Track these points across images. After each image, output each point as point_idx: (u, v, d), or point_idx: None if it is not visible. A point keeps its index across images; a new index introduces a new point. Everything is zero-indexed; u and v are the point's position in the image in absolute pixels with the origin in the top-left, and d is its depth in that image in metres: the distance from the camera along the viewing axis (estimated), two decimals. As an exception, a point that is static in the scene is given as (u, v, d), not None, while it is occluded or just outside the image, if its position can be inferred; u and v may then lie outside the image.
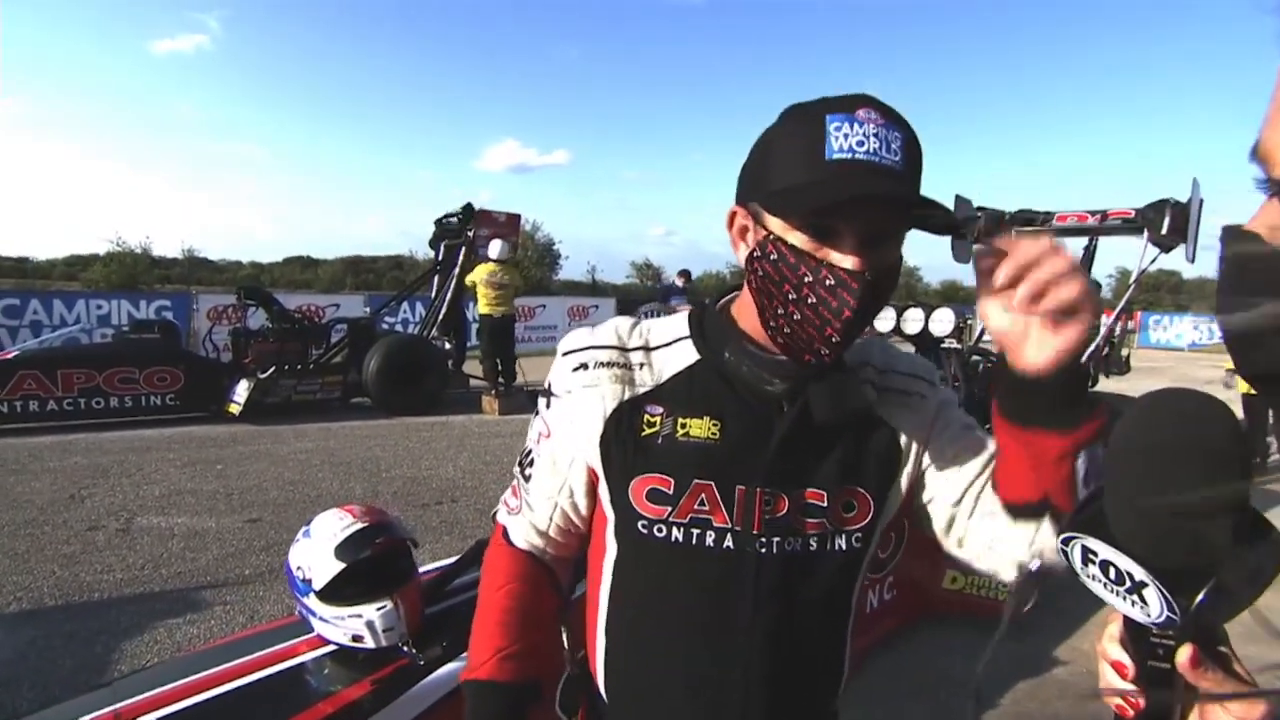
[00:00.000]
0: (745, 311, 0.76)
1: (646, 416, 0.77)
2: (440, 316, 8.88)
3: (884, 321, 4.10)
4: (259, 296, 8.30)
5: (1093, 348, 4.42)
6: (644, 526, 0.77)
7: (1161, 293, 35.82)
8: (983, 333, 4.98)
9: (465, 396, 8.41)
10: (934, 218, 0.65)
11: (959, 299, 38.93)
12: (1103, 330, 4.72)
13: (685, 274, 9.56)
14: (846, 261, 0.65)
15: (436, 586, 1.72)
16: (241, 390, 7.06)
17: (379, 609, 1.46)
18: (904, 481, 0.80)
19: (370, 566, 1.47)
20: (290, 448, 5.98)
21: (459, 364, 8.98)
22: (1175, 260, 4.17)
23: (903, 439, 0.79)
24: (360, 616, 1.46)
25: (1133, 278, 4.44)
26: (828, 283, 0.65)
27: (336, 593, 1.46)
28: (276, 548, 3.69)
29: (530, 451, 0.87)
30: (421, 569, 1.93)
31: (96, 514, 4.17)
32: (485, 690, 0.85)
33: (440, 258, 9.18)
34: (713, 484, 0.75)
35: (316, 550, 1.48)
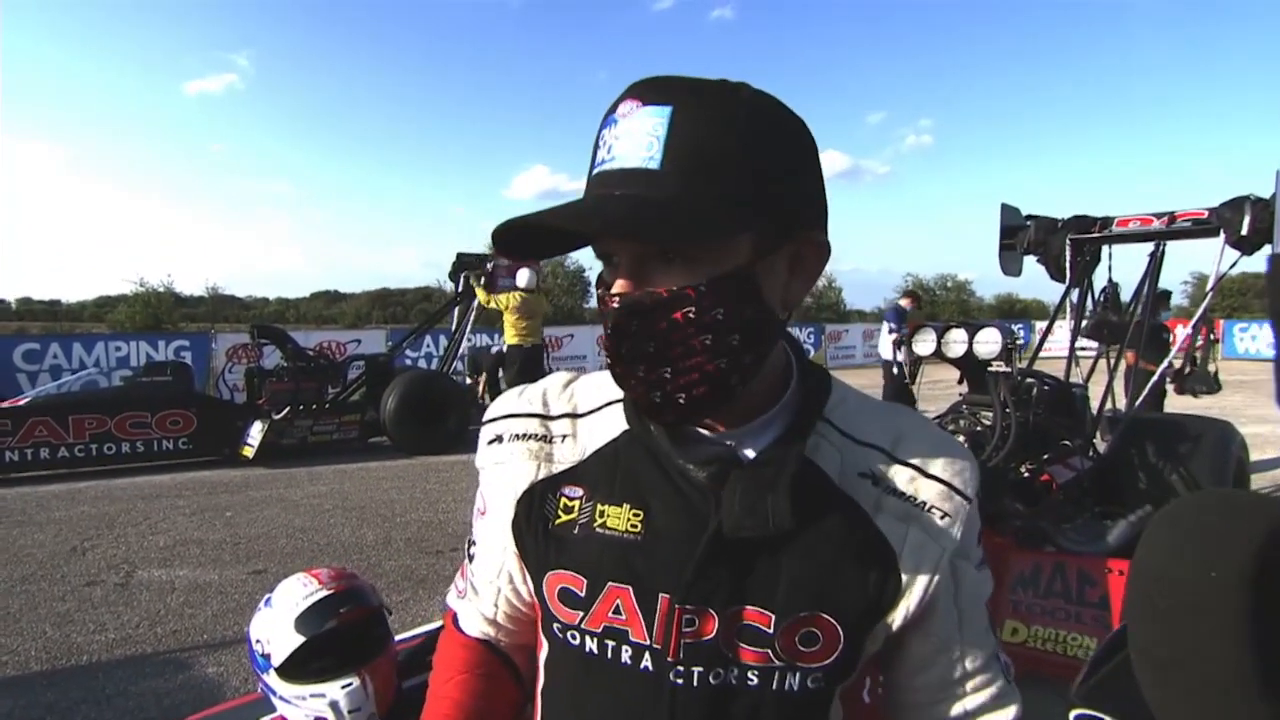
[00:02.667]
0: None
1: (564, 500, 0.68)
2: (460, 350, 8.90)
3: (924, 345, 3.86)
4: (273, 334, 8.43)
5: (1165, 364, 4.14)
6: (559, 630, 0.68)
7: (1249, 297, 33.97)
8: (1036, 353, 4.75)
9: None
10: (678, 229, 0.54)
11: (1015, 314, 38.15)
12: (1178, 343, 4.44)
13: None
14: (614, 290, 0.58)
15: (417, 656, 1.59)
16: (256, 432, 7.12)
17: (344, 687, 1.34)
18: (897, 620, 0.64)
19: (335, 639, 1.36)
20: (303, 492, 5.98)
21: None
22: (1258, 262, 3.92)
23: (905, 566, 0.63)
24: (323, 696, 1.34)
25: (1210, 284, 4.18)
26: (602, 313, 0.59)
27: (298, 669, 1.35)
28: (247, 610, 3.57)
29: (473, 530, 0.78)
30: (411, 632, 1.81)
31: (97, 567, 4.16)
32: None
33: (460, 290, 9.24)
34: (629, 589, 0.64)
35: (276, 621, 1.38)
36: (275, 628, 1.37)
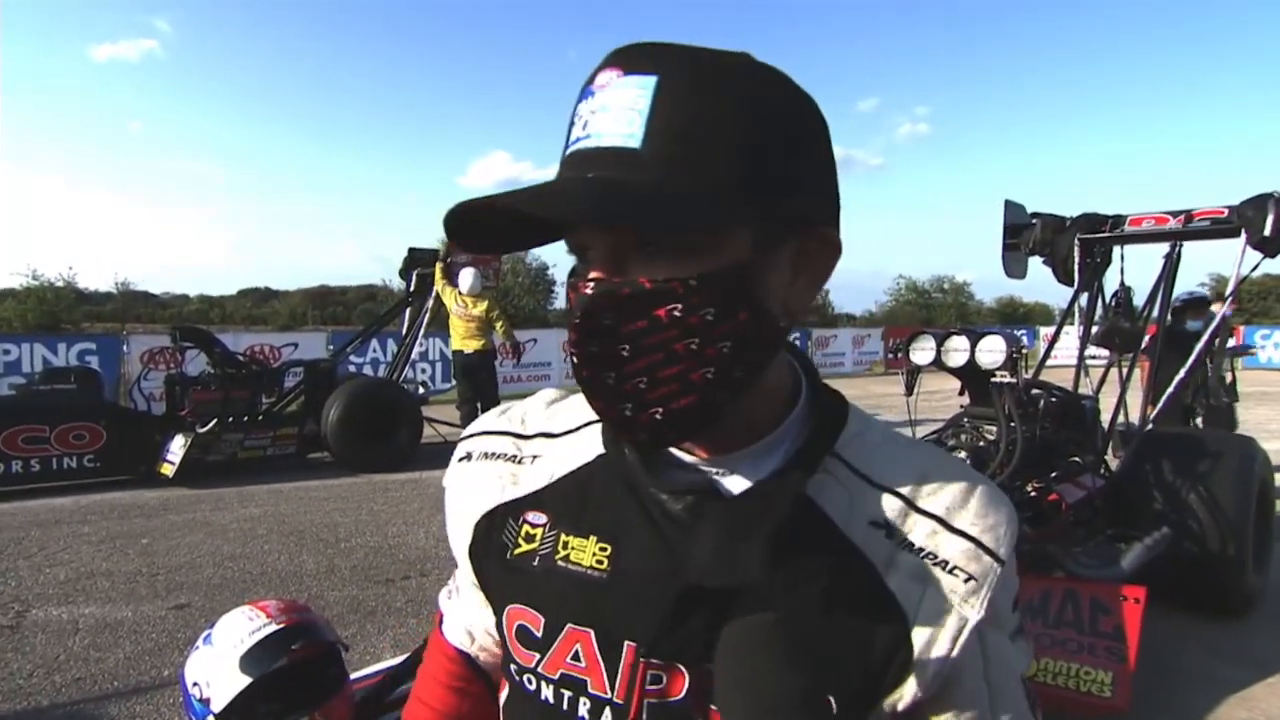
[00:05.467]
0: None
1: (526, 528, 0.67)
2: (411, 356, 8.83)
3: (922, 353, 3.93)
4: (197, 337, 8.24)
5: (1183, 373, 4.26)
6: (516, 672, 0.67)
7: (1270, 301, 34.93)
8: (1043, 362, 4.86)
9: (443, 450, 8.29)
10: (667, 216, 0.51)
11: (1018, 319, 38.95)
12: (1195, 352, 4.58)
13: None
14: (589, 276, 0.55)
15: (376, 695, 1.58)
16: (177, 447, 6.95)
17: (294, 734, 1.33)
18: (904, 699, 0.59)
19: (286, 679, 1.35)
20: (232, 515, 5.85)
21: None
22: (1280, 265, 4.08)
23: (918, 635, 0.58)
24: (270, 746, 1.32)
25: (1229, 288, 4.33)
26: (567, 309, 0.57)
27: (242, 714, 1.34)
28: (203, 641, 3.53)
29: None
30: (365, 670, 1.80)
31: (-15, 605, 4.02)
32: None
33: (412, 288, 9.16)
34: (590, 633, 0.62)
35: (218, 661, 1.36)
36: (216, 668, 1.35)
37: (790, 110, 0.55)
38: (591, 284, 0.53)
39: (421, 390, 9.06)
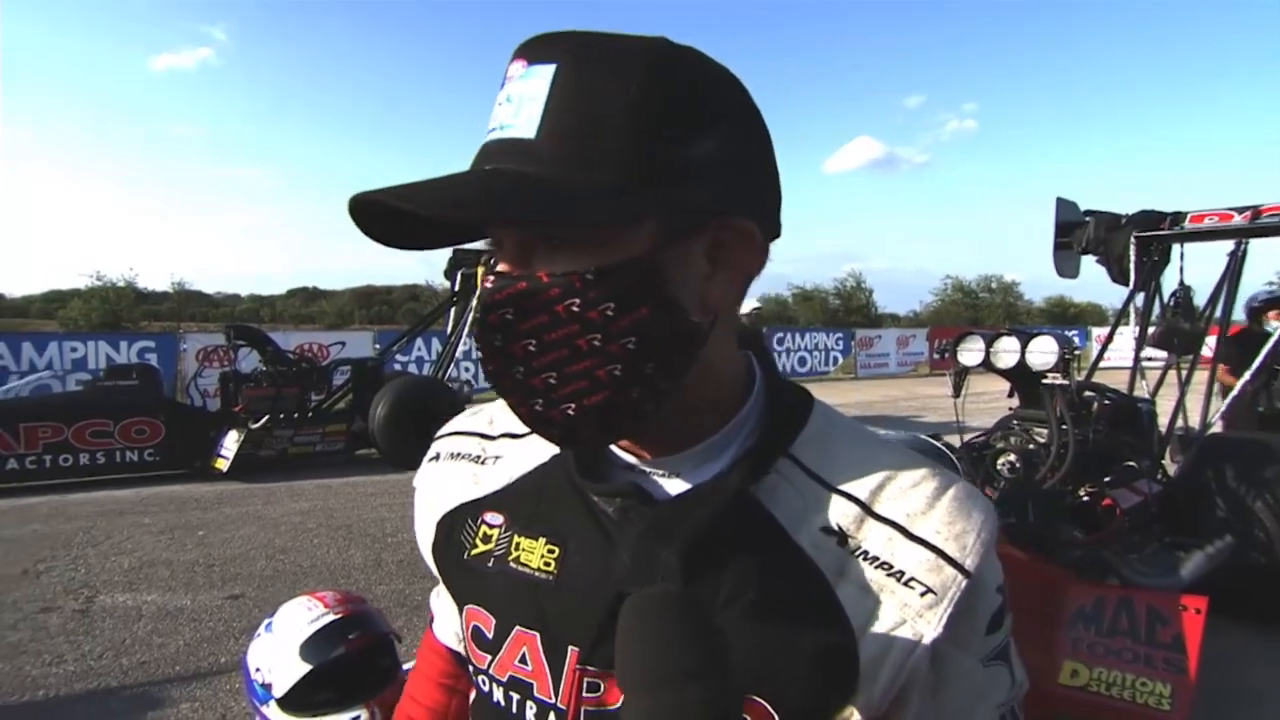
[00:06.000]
0: None
1: (484, 528, 0.66)
2: (456, 355, 8.94)
3: (970, 354, 3.85)
4: (251, 335, 8.48)
5: (1248, 376, 4.12)
6: (474, 673, 0.66)
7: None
8: (1096, 363, 4.73)
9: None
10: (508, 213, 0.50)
11: (1069, 319, 37.97)
12: (1263, 354, 4.42)
13: None
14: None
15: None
16: (230, 443, 7.16)
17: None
18: (854, 719, 0.56)
19: (343, 668, 1.39)
20: (283, 509, 6.01)
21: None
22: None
23: (865, 651, 0.54)
24: (327, 732, 1.36)
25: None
26: None
27: (301, 700, 1.38)
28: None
29: None
30: (411, 664, 1.83)
31: (53, 592, 4.19)
32: None
33: (457, 288, 9.29)
34: (536, 636, 0.61)
35: (279, 648, 1.41)
36: (278, 655, 1.39)
37: (701, 94, 0.53)
38: (493, 278, 0.53)
39: (465, 389, 9.17)
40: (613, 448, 0.62)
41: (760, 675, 0.54)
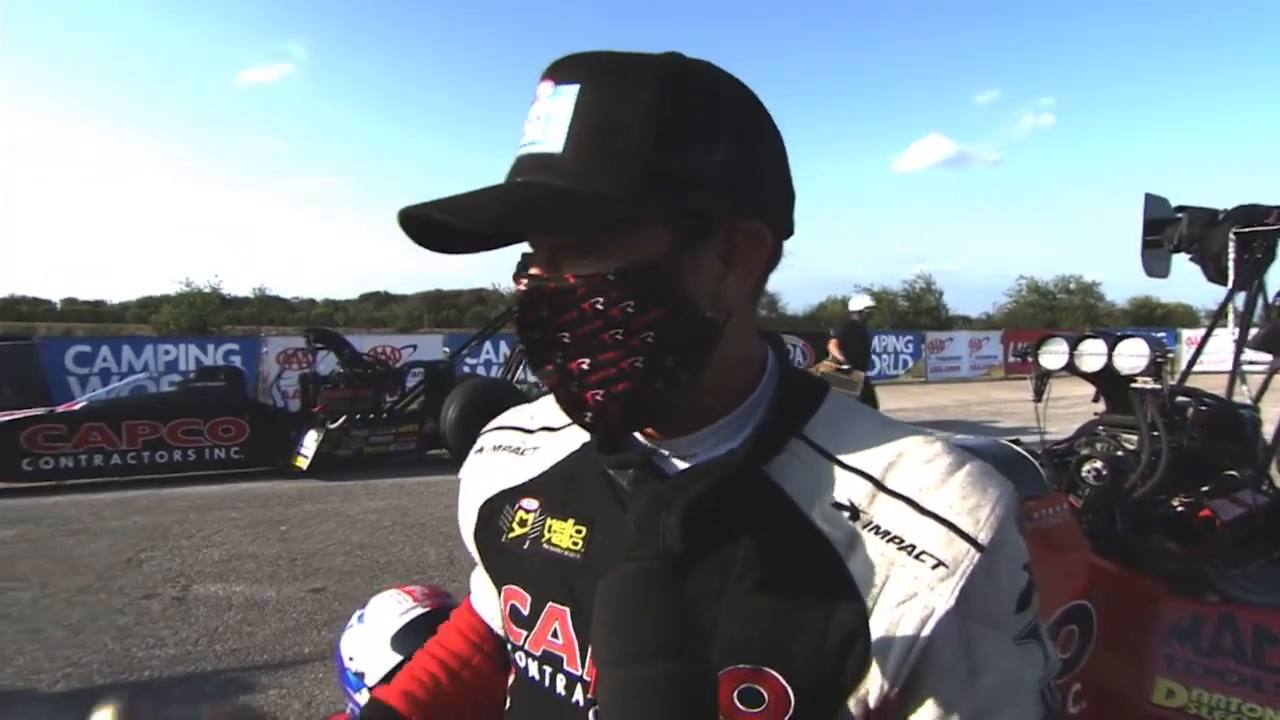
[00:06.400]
0: None
1: (520, 513, 0.71)
2: (524, 358, 9.07)
3: (1053, 357, 3.67)
4: (328, 339, 8.78)
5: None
6: (512, 650, 0.71)
7: None
8: (1190, 367, 4.48)
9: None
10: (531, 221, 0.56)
11: (1155, 320, 36.17)
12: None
13: None
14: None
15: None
16: (309, 442, 7.43)
17: (441, 713, 1.39)
18: (872, 694, 0.56)
19: (432, 660, 1.41)
20: (360, 507, 6.21)
21: None
22: None
23: (877, 624, 0.55)
24: None
25: None
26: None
27: (393, 691, 1.41)
28: (338, 622, 3.74)
29: None
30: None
31: (153, 580, 4.43)
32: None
33: (523, 291, 9.41)
34: (566, 611, 0.65)
35: (371, 639, 1.44)
36: (370, 646, 1.43)
37: (710, 105, 0.56)
38: (528, 280, 0.58)
39: (534, 390, 9.29)
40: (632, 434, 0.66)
41: (774, 648, 0.56)
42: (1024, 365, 3.68)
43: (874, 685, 0.55)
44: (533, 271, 0.59)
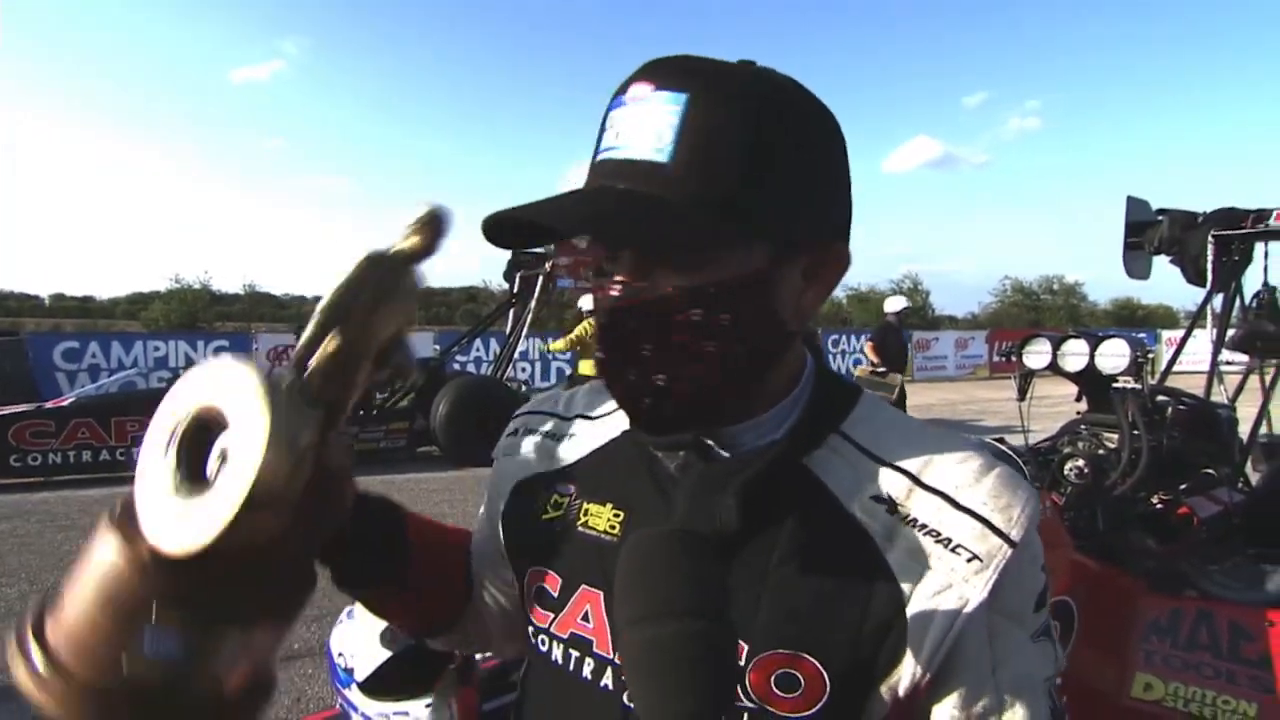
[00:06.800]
0: None
1: (555, 497, 0.71)
2: (515, 355, 9.06)
3: (1036, 357, 3.72)
4: (319, 335, 8.73)
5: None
6: (532, 634, 0.70)
7: None
8: (1169, 367, 4.52)
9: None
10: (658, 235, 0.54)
11: (1136, 321, 36.48)
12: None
13: None
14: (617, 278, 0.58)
15: (499, 676, 1.64)
16: (299, 439, 7.38)
17: (428, 705, 1.40)
18: (903, 682, 0.57)
19: (420, 655, 1.42)
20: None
21: None
22: None
23: (913, 614, 0.56)
24: (406, 715, 1.40)
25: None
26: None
27: (382, 685, 1.41)
28: (327, 618, 3.72)
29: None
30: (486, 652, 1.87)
31: (142, 576, 4.39)
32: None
33: (516, 290, 9.41)
34: (600, 595, 0.65)
35: (360, 635, 1.45)
36: (359, 641, 1.43)
37: (812, 128, 0.58)
38: (618, 288, 0.57)
39: (523, 388, 9.29)
40: None
41: (812, 633, 0.57)
42: (1008, 365, 3.71)
43: (906, 672, 0.56)
44: (620, 279, 0.58)
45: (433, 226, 0.50)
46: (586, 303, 7.98)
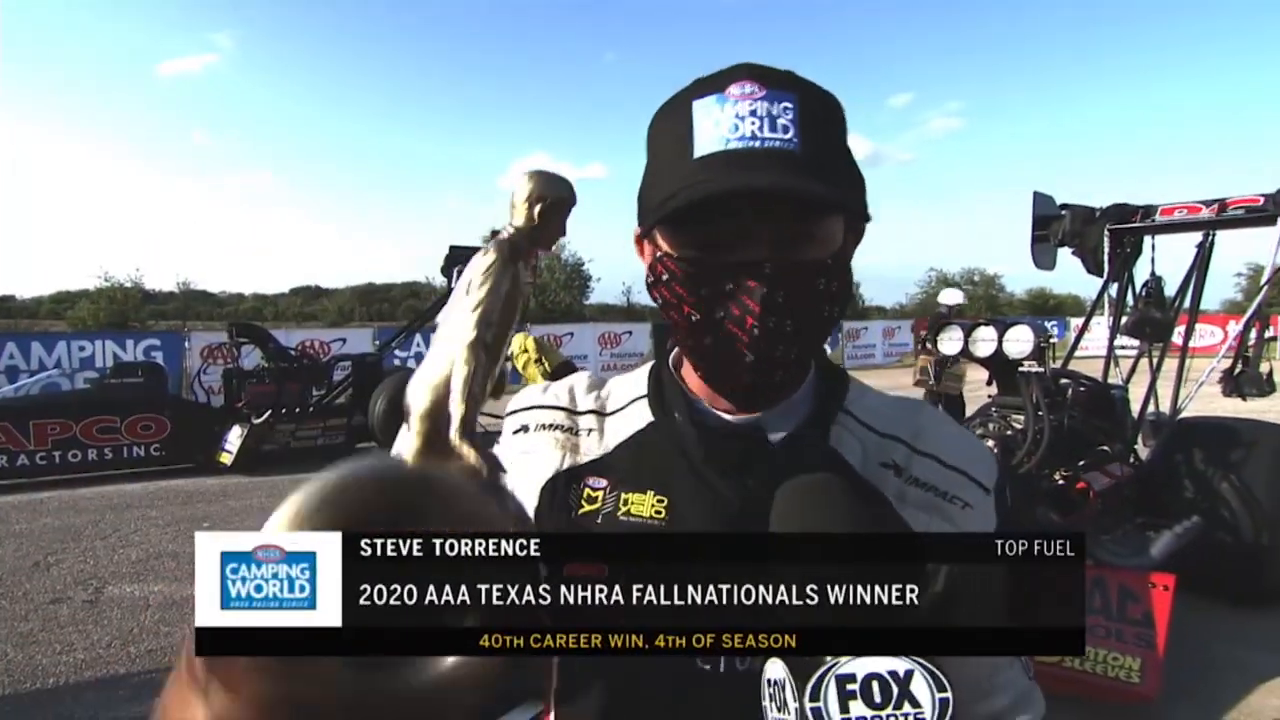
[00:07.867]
0: (687, 361, 0.72)
1: (587, 491, 0.71)
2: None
3: (950, 343, 3.90)
4: (253, 333, 8.46)
5: (1216, 361, 4.17)
6: None
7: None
8: (1072, 352, 4.74)
9: (484, 439, 8.37)
10: (847, 202, 0.62)
11: (1049, 310, 37.96)
12: (1229, 340, 4.46)
13: None
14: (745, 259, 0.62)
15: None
16: (234, 438, 7.14)
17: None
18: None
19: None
20: (285, 501, 6.00)
21: None
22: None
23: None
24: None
25: (1265, 276, 4.19)
26: (727, 288, 0.62)
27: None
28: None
29: None
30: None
31: (63, 584, 4.18)
32: None
33: (453, 285, 9.24)
34: None
35: None
36: None
37: (845, 121, 0.66)
38: (769, 264, 0.61)
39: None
40: (704, 408, 0.71)
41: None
42: (930, 351, 3.80)
43: None
44: (755, 257, 0.61)
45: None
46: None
